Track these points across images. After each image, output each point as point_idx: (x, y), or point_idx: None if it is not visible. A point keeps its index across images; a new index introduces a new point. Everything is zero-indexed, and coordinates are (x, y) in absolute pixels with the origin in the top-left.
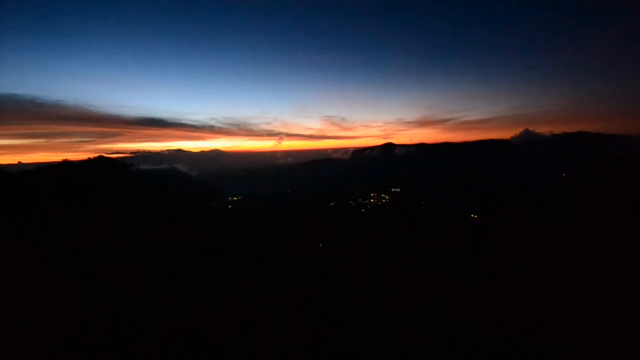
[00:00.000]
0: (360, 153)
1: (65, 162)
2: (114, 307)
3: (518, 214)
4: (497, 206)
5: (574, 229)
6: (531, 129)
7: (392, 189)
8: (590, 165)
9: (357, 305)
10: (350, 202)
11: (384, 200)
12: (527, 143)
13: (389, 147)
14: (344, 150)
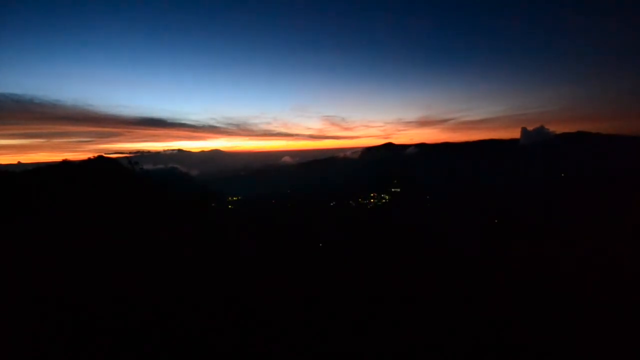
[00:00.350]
0: (369, 153)
1: (65, 162)
2: (114, 308)
3: (517, 213)
4: (498, 206)
5: (574, 229)
6: (530, 129)
7: (392, 189)
8: (590, 166)
9: (357, 305)
10: (351, 202)
11: (384, 200)
12: (528, 144)
13: (389, 147)
14: (353, 149)
